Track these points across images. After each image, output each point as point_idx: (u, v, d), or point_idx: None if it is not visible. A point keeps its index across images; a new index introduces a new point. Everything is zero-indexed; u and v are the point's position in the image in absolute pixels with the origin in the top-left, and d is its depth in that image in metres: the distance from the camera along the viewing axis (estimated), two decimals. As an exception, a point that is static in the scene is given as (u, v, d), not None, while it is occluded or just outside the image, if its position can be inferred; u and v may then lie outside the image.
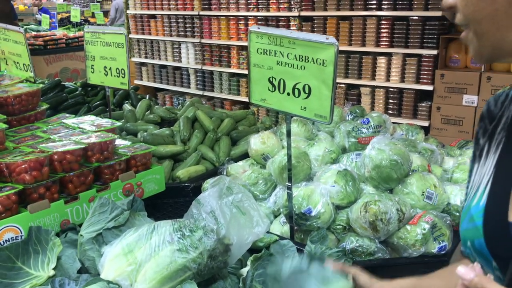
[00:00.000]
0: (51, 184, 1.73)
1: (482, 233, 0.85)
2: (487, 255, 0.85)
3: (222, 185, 1.47)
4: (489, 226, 0.85)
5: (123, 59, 2.25)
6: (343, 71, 5.28)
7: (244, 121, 3.15)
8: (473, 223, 0.88)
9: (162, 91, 7.32)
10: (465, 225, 0.91)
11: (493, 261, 0.84)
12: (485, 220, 0.86)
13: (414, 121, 4.89)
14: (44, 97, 3.43)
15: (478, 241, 0.86)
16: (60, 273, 1.51)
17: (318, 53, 1.46)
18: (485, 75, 4.51)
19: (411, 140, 2.37)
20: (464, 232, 0.91)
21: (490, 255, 0.84)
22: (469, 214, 0.91)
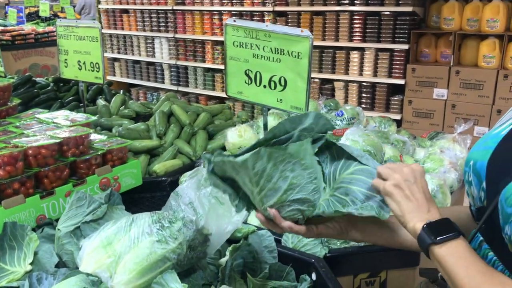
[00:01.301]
0: (26, 179, 1.71)
1: (489, 156, 0.91)
2: (482, 176, 0.91)
3: (200, 177, 1.48)
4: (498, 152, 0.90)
5: (97, 53, 2.23)
6: (317, 66, 5.34)
7: (221, 115, 3.16)
8: (485, 147, 0.94)
9: (136, 87, 7.24)
10: (476, 148, 0.97)
11: (484, 182, 0.90)
12: (498, 146, 0.91)
13: (386, 114, 5.00)
14: (15, 92, 3.35)
15: (481, 162, 0.92)
16: (37, 268, 1.50)
17: (293, 46, 1.49)
18: (454, 69, 4.65)
19: (383, 132, 2.43)
20: (473, 153, 0.97)
21: (485, 177, 0.90)
22: (485, 139, 0.97)
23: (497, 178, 0.87)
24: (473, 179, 0.95)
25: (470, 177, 0.96)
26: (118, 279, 1.30)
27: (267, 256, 1.51)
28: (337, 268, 1.63)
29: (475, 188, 0.95)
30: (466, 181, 1.00)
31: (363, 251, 1.76)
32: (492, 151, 0.92)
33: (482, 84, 4.52)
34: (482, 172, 0.92)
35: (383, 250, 1.77)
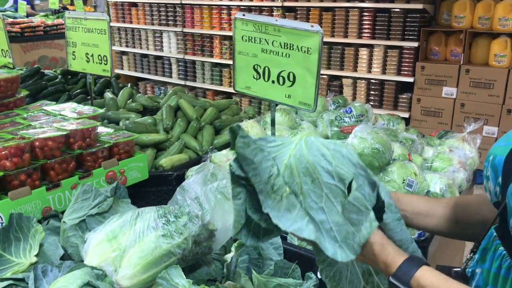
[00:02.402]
0: (32, 171, 1.71)
1: (508, 151, 0.91)
2: (499, 171, 0.91)
3: (206, 172, 1.47)
4: None
5: (105, 46, 2.22)
6: (326, 62, 5.30)
7: (227, 110, 3.15)
8: (506, 142, 0.94)
9: (144, 81, 7.24)
10: (498, 143, 0.98)
11: (500, 176, 0.91)
12: None
13: (394, 112, 4.96)
14: (23, 84, 3.36)
15: (500, 157, 0.92)
16: (42, 260, 1.50)
17: (303, 41, 1.47)
18: (464, 68, 4.59)
19: (392, 129, 2.41)
20: (494, 148, 0.97)
21: (501, 172, 0.91)
22: (508, 135, 0.97)
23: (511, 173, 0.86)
24: (491, 174, 0.95)
25: (488, 172, 0.97)
26: (122, 273, 1.29)
27: (272, 252, 1.50)
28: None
29: (491, 183, 0.95)
30: (484, 176, 1.00)
31: (369, 249, 1.74)
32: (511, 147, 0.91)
33: (492, 83, 4.47)
34: (499, 167, 0.91)
35: (389, 249, 1.75)
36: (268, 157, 0.90)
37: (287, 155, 0.91)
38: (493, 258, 0.89)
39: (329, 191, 0.87)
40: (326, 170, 0.88)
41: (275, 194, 0.88)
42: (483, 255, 0.92)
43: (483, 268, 0.91)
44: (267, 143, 0.93)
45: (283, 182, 0.89)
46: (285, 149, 0.92)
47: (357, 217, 0.87)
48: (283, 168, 0.90)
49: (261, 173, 0.88)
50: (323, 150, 0.90)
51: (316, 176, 0.88)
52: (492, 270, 0.88)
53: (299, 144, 0.91)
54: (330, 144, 0.92)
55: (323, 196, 0.87)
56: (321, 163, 0.88)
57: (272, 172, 0.89)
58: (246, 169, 0.89)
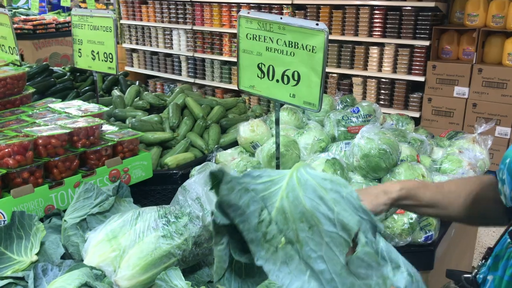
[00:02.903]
0: (35, 168, 1.70)
1: None
2: None
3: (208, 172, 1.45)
4: None
5: (111, 43, 2.21)
6: (335, 60, 5.25)
7: (235, 109, 3.13)
8: None
9: (153, 78, 7.25)
10: None
11: None
12: None
13: (405, 112, 4.90)
14: (32, 81, 3.38)
15: None
16: (43, 258, 1.50)
17: (308, 40, 1.44)
18: (477, 67, 4.51)
19: (401, 130, 2.36)
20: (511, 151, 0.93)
21: None
22: None
23: None
24: (507, 178, 0.91)
25: (504, 175, 0.93)
26: (121, 274, 1.28)
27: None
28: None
29: (507, 187, 0.91)
30: (499, 179, 0.96)
31: (374, 252, 1.71)
32: None
33: (505, 83, 4.38)
34: None
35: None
36: (256, 198, 0.80)
37: (278, 196, 0.81)
38: (506, 266, 0.85)
39: (330, 240, 0.78)
40: (326, 217, 0.79)
41: (268, 244, 0.78)
42: (496, 262, 0.89)
43: (495, 275, 0.88)
44: (253, 180, 0.83)
45: (277, 230, 0.79)
46: (275, 188, 0.82)
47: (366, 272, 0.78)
48: (275, 213, 0.80)
49: (249, 218, 0.79)
50: (320, 191, 0.80)
51: (315, 223, 0.78)
52: (505, 278, 0.85)
53: (291, 182, 0.82)
54: (327, 183, 0.82)
55: (323, 245, 0.77)
56: (320, 208, 0.79)
57: (263, 217, 0.79)
58: (231, 215, 0.80)
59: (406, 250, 1.70)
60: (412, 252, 1.70)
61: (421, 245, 1.71)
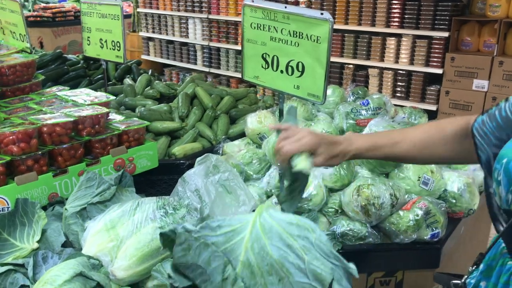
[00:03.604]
0: (39, 156, 1.71)
1: None
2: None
3: (208, 163, 1.44)
4: None
5: (118, 32, 2.20)
6: (352, 51, 5.16)
7: (245, 99, 3.10)
8: None
9: (169, 67, 7.26)
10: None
11: None
12: None
13: (421, 104, 4.80)
14: (45, 69, 3.41)
15: None
16: (44, 246, 1.50)
17: (312, 29, 1.40)
18: (497, 60, 4.38)
19: (412, 123, 2.31)
20: (507, 150, 0.89)
21: None
22: None
23: None
24: (503, 179, 0.85)
25: (499, 176, 0.86)
26: (118, 264, 1.27)
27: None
28: (350, 265, 1.56)
29: (503, 188, 0.85)
30: (494, 180, 0.90)
31: (379, 248, 1.68)
32: None
33: (527, 77, 4.25)
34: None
35: (400, 249, 1.68)
36: (217, 253, 0.75)
37: (242, 248, 0.75)
38: (500, 272, 0.80)
39: None
40: (297, 267, 0.73)
41: None
42: (489, 267, 0.84)
43: (488, 282, 0.83)
44: (212, 232, 0.78)
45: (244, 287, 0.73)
46: (238, 238, 0.76)
47: None
48: (241, 267, 0.73)
49: (212, 276, 0.73)
50: (288, 239, 0.74)
51: (285, 275, 0.72)
52: (499, 285, 0.80)
53: (254, 230, 0.75)
54: (293, 228, 0.76)
55: None
56: (289, 258, 0.73)
57: (227, 273, 0.73)
58: (191, 276, 0.75)
59: (411, 247, 1.66)
60: (417, 250, 1.66)
61: (427, 242, 1.67)
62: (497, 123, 0.97)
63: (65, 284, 1.14)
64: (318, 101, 1.48)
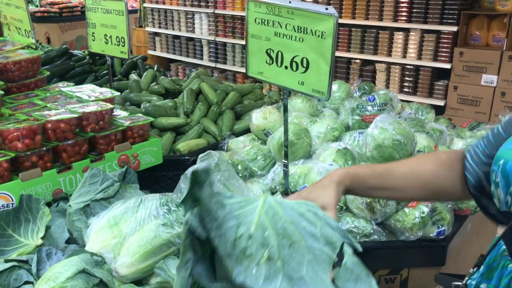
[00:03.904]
0: (44, 152, 1.71)
1: None
2: (511, 178, 0.82)
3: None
4: None
5: (123, 27, 2.19)
6: (359, 46, 5.12)
7: (251, 95, 3.09)
8: None
9: (175, 62, 7.26)
10: (509, 146, 0.87)
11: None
12: None
13: (429, 100, 4.76)
14: (51, 64, 3.41)
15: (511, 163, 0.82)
16: (48, 242, 1.51)
17: (317, 25, 1.39)
18: (507, 54, 4.32)
19: (419, 119, 2.28)
20: (504, 151, 0.87)
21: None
22: None
23: None
24: (501, 181, 0.83)
25: (497, 178, 0.85)
26: (121, 261, 1.27)
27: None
28: (354, 263, 1.55)
29: (501, 190, 0.83)
30: (493, 181, 0.88)
31: (384, 246, 1.66)
32: None
33: (537, 71, 4.19)
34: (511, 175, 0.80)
35: (406, 246, 1.66)
36: (231, 215, 0.75)
37: (255, 213, 0.76)
38: (501, 275, 0.78)
39: (313, 258, 0.73)
40: (309, 232, 0.75)
41: (248, 259, 0.72)
42: (490, 269, 0.82)
43: (488, 284, 0.81)
44: (227, 199, 0.79)
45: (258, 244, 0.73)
46: (251, 207, 0.77)
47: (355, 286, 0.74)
48: (255, 228, 0.74)
49: (227, 233, 0.73)
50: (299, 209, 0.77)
51: (297, 239, 0.74)
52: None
53: (267, 201, 0.78)
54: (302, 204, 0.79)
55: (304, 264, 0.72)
56: (301, 223, 0.75)
57: (240, 232, 0.74)
58: (209, 226, 0.73)
59: (417, 244, 1.64)
60: (422, 247, 1.64)
61: (433, 240, 1.65)
62: (489, 140, 0.97)
63: (68, 281, 1.14)
64: (323, 97, 1.46)
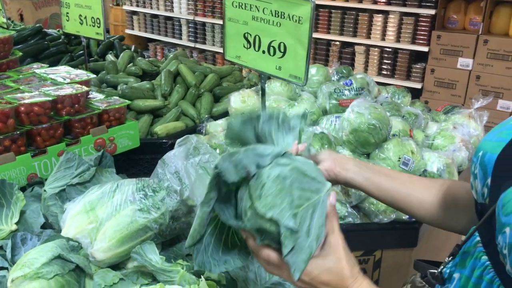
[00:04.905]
0: (17, 136, 1.68)
1: (500, 150, 0.80)
2: (488, 171, 0.81)
3: (189, 145, 1.43)
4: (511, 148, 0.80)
5: (98, 8, 2.13)
6: (338, 28, 5.13)
7: (230, 77, 3.07)
8: (499, 138, 0.83)
9: (154, 42, 7.14)
10: (489, 137, 0.87)
11: (489, 178, 0.81)
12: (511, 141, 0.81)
13: (407, 82, 4.82)
14: (24, 44, 3.31)
15: (490, 155, 0.82)
16: (23, 227, 1.49)
17: (294, 9, 1.38)
18: (482, 38, 4.39)
19: (395, 103, 2.31)
20: (484, 143, 0.87)
21: (491, 173, 0.81)
22: (500, 129, 0.86)
23: (503, 177, 0.76)
24: (479, 172, 0.84)
25: (476, 169, 0.85)
26: (97, 246, 1.27)
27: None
28: (329, 245, 1.58)
29: (479, 182, 0.84)
30: (472, 173, 0.89)
31: (358, 228, 1.70)
32: (505, 144, 0.80)
33: (511, 55, 4.27)
34: (489, 167, 0.80)
35: (379, 228, 1.71)
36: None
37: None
38: (474, 266, 0.80)
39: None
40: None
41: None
42: (463, 259, 0.84)
43: (462, 274, 0.83)
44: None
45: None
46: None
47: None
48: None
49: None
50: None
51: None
52: (472, 279, 0.80)
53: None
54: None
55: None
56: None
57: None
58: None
59: (391, 227, 1.69)
60: (397, 230, 1.69)
61: (405, 222, 1.70)
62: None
63: (44, 267, 1.14)
64: (300, 83, 1.47)
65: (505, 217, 0.70)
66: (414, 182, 1.15)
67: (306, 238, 0.78)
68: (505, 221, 0.70)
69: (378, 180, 1.13)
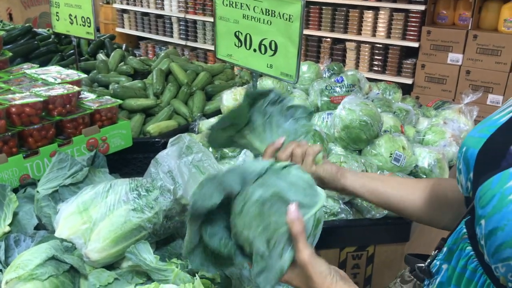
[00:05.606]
0: (9, 137, 1.67)
1: (481, 145, 0.83)
2: (471, 166, 0.84)
3: (181, 144, 1.43)
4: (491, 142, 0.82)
5: (88, 7, 2.13)
6: (329, 25, 5.14)
7: (221, 75, 3.08)
8: (481, 134, 0.85)
9: (145, 40, 7.11)
10: (472, 133, 0.89)
11: (472, 172, 0.83)
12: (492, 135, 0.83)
13: (398, 78, 4.84)
14: (14, 44, 3.28)
15: (472, 150, 0.84)
16: (16, 229, 1.49)
17: (285, 8, 1.39)
18: (472, 33, 4.43)
19: (386, 99, 2.33)
20: (468, 139, 0.89)
21: (473, 167, 0.83)
22: (483, 125, 0.88)
23: (483, 171, 0.79)
24: (463, 167, 0.87)
25: (460, 165, 0.88)
26: (92, 246, 1.27)
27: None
28: (323, 241, 1.59)
29: (463, 177, 0.87)
30: (457, 168, 0.92)
31: (350, 224, 1.72)
32: (486, 140, 0.82)
33: (500, 50, 4.31)
34: (472, 162, 0.83)
35: (371, 224, 1.73)
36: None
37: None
38: (459, 256, 0.82)
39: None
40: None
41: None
42: (450, 251, 0.87)
43: (449, 265, 0.86)
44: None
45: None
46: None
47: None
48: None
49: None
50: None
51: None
52: (457, 269, 0.82)
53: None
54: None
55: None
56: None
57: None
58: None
59: (383, 222, 1.70)
60: (389, 225, 1.71)
61: (398, 217, 1.71)
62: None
63: (38, 268, 1.14)
64: (291, 81, 1.48)
65: (481, 210, 0.73)
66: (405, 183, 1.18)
67: (278, 260, 0.82)
68: (481, 213, 0.73)
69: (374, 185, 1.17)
